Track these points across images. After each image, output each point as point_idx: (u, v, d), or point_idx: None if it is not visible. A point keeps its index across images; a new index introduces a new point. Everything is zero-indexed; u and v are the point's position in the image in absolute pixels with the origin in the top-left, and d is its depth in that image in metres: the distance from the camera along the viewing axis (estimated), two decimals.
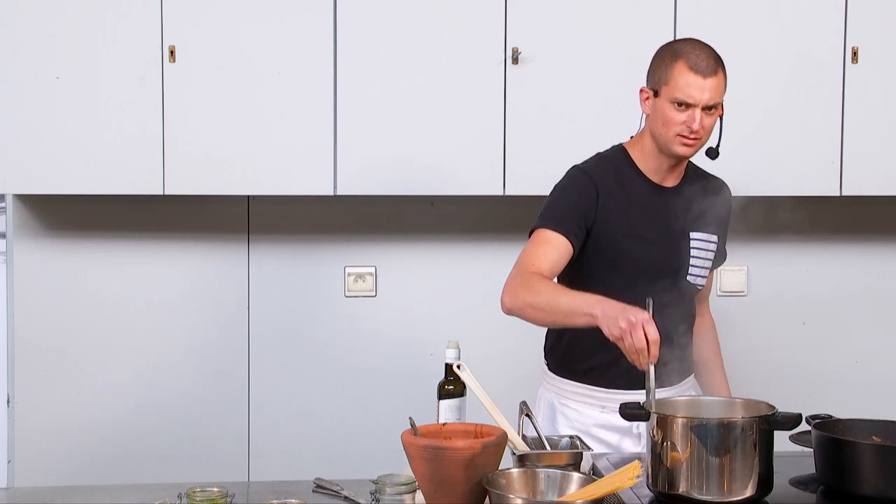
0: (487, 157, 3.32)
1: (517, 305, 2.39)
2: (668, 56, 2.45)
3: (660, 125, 2.45)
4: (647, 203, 2.51)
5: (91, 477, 3.40)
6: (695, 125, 2.40)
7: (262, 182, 3.31)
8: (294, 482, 2.31)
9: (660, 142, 2.48)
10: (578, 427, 2.51)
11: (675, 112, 2.41)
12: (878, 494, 2.00)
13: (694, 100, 2.39)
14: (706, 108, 2.41)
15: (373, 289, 3.64)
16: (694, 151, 2.47)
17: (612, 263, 2.49)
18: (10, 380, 3.57)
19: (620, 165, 2.54)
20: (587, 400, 2.55)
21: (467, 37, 3.30)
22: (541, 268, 2.41)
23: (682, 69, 2.40)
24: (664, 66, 2.44)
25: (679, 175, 2.56)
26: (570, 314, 2.28)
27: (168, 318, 3.58)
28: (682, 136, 2.42)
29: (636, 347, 2.12)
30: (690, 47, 2.43)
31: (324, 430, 3.63)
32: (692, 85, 2.39)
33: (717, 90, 2.41)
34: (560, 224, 2.46)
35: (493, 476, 1.95)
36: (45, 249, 3.55)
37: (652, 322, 2.13)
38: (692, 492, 2.00)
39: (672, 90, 2.41)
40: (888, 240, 3.78)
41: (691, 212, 2.55)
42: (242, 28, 3.25)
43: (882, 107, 3.42)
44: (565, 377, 2.58)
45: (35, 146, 3.23)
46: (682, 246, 2.54)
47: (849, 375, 3.77)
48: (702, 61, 2.40)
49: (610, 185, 2.50)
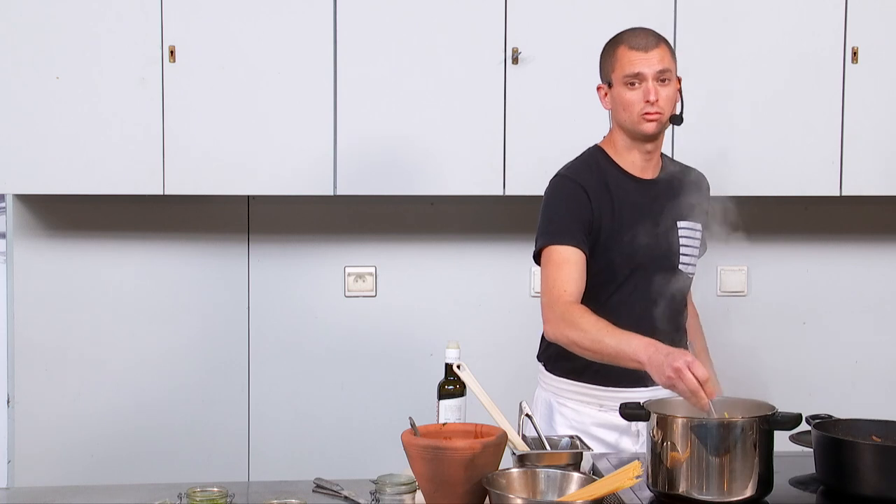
0: (487, 157, 3.32)
1: (562, 340, 2.44)
2: (609, 47, 2.56)
3: (622, 111, 2.51)
4: (632, 197, 2.54)
5: (91, 477, 3.40)
6: (651, 96, 2.46)
7: (262, 182, 3.31)
8: (294, 482, 2.31)
9: (627, 128, 2.52)
10: (577, 426, 2.51)
11: (631, 91, 2.48)
12: (878, 494, 2.00)
13: (642, 70, 2.47)
14: (658, 78, 2.47)
15: (373, 289, 3.64)
16: (660, 126, 2.51)
17: (609, 262, 2.51)
18: (10, 380, 3.57)
19: (601, 164, 2.57)
20: (585, 399, 2.55)
21: (467, 37, 3.30)
22: (573, 293, 2.44)
23: (624, 51, 2.50)
24: (609, 57, 2.55)
25: (657, 166, 2.60)
26: (616, 357, 2.31)
27: (168, 319, 3.58)
28: (645, 112, 2.48)
29: (690, 390, 2.10)
30: (628, 32, 2.54)
31: (324, 430, 3.63)
32: (636, 60, 2.48)
33: (664, 59, 2.49)
34: (569, 237, 2.48)
35: (493, 476, 1.95)
36: (45, 249, 3.55)
37: (697, 362, 2.12)
38: (692, 492, 2.00)
39: (620, 71, 2.49)
40: (888, 240, 3.78)
41: (675, 201, 2.58)
42: (242, 28, 3.25)
43: (882, 107, 3.42)
44: (563, 376, 2.58)
45: (35, 146, 3.23)
46: (672, 235, 2.56)
47: (849, 375, 3.77)
48: (641, 39, 2.50)
49: (595, 186, 2.53)
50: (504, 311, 3.65)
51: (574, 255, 2.47)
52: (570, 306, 2.42)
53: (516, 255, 3.62)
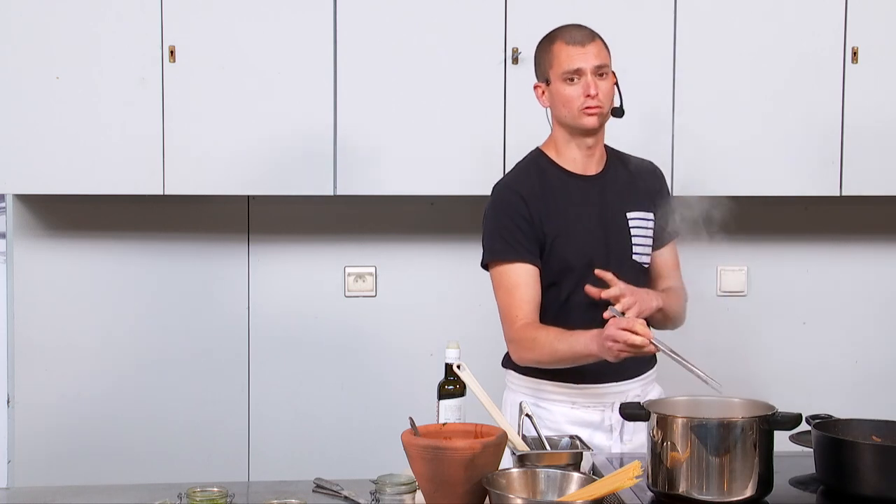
0: (487, 157, 3.32)
1: (526, 363, 2.54)
2: (545, 44, 2.57)
3: (562, 107, 2.52)
4: (576, 195, 2.55)
5: (91, 477, 3.39)
6: (591, 90, 2.47)
7: (262, 182, 3.31)
8: (294, 482, 2.31)
9: (567, 123, 2.53)
10: (550, 425, 2.49)
11: (570, 87, 2.50)
12: (878, 494, 2.00)
13: (580, 65, 2.48)
14: (597, 73, 2.49)
15: (373, 289, 3.64)
16: (600, 120, 2.52)
17: (561, 262, 2.52)
18: (10, 380, 3.57)
19: (541, 167, 2.59)
20: (557, 397, 2.54)
21: (467, 37, 3.30)
22: (526, 314, 2.49)
23: (561, 46, 2.51)
24: (545, 54, 2.55)
25: (600, 161, 2.61)
26: (574, 359, 2.41)
27: (168, 318, 3.58)
28: (585, 107, 2.49)
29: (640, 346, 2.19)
30: (563, 28, 2.55)
31: (324, 430, 3.63)
32: (574, 55, 2.49)
33: (600, 54, 2.51)
34: (513, 252, 2.51)
35: (493, 476, 1.95)
36: (45, 249, 3.55)
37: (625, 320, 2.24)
38: (692, 492, 2.00)
39: (559, 68, 2.50)
40: (888, 240, 3.78)
41: (622, 193, 2.59)
42: (242, 28, 3.25)
43: (882, 107, 3.42)
44: (533, 377, 2.58)
45: (35, 146, 3.23)
46: (621, 228, 2.57)
47: (849, 375, 3.77)
48: (576, 34, 2.52)
49: (535, 190, 2.54)
50: None
51: (522, 271, 2.50)
52: (523, 330, 2.48)
53: None
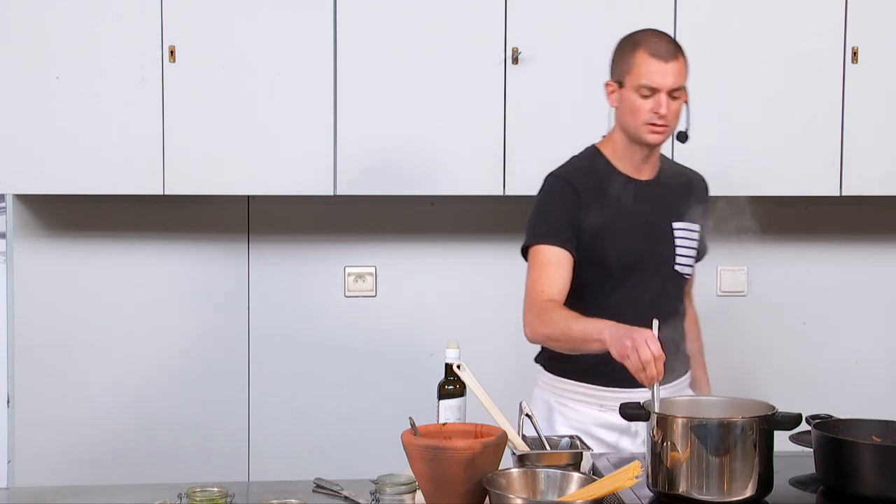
0: (487, 157, 3.32)
1: (537, 339, 2.49)
2: (628, 46, 2.50)
3: (627, 115, 2.49)
4: (627, 198, 2.54)
5: (91, 477, 3.40)
6: (662, 109, 2.43)
7: (262, 182, 3.31)
8: (294, 482, 2.31)
9: (629, 132, 2.51)
10: (577, 426, 2.51)
11: (641, 100, 2.45)
12: (878, 494, 2.00)
13: (658, 84, 2.43)
14: (671, 92, 2.45)
15: (373, 289, 3.64)
16: (663, 138, 2.50)
17: (600, 263, 2.51)
18: (10, 380, 3.57)
19: (595, 164, 2.57)
20: (585, 399, 2.55)
21: (467, 37, 3.30)
22: (551, 293, 2.45)
23: (644, 56, 2.45)
24: (626, 57, 2.49)
25: (654, 167, 2.59)
26: (583, 341, 2.34)
27: (168, 318, 3.58)
28: (651, 123, 2.46)
29: (642, 361, 2.12)
30: (649, 35, 2.49)
31: (324, 430, 3.63)
32: (654, 70, 2.43)
33: (680, 74, 2.46)
34: (554, 236, 2.49)
35: (493, 476, 1.95)
36: (45, 249, 3.55)
37: (656, 339, 2.14)
38: (692, 492, 2.00)
39: (636, 78, 2.45)
40: (888, 240, 3.78)
41: (671, 202, 2.58)
42: (242, 28, 3.25)
43: (882, 107, 3.42)
44: (563, 376, 2.58)
45: (35, 146, 3.23)
46: (667, 236, 2.56)
47: (849, 375, 3.77)
48: (661, 47, 2.45)
49: (588, 186, 2.53)
50: (504, 311, 3.63)
51: (557, 255, 2.48)
52: (544, 304, 2.44)
53: (516, 255, 3.58)
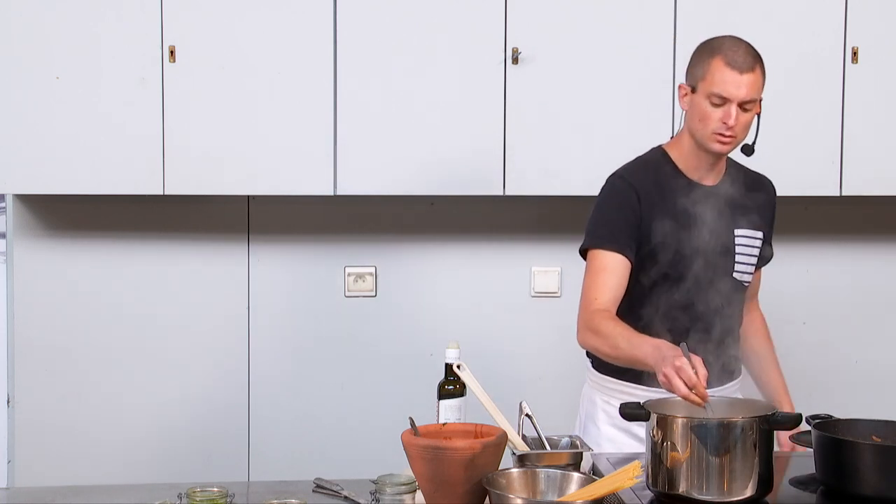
0: (487, 157, 3.32)
1: (587, 347, 2.51)
2: (705, 52, 2.45)
3: (697, 121, 2.45)
4: (689, 202, 2.50)
5: (91, 477, 3.39)
6: (731, 121, 2.39)
7: (262, 182, 3.31)
8: (294, 482, 2.31)
9: (697, 138, 2.47)
10: (619, 424, 2.48)
11: (712, 108, 2.41)
12: (878, 494, 2.00)
13: (730, 95, 2.39)
14: (742, 104, 2.40)
15: (373, 289, 3.63)
16: (729, 149, 2.47)
17: (660, 266, 2.49)
18: (10, 380, 3.57)
19: (659, 166, 2.54)
20: (629, 398, 2.52)
21: (467, 37, 3.30)
22: (604, 300, 2.44)
23: (720, 65, 2.40)
24: (702, 62, 2.44)
25: (720, 172, 2.56)
26: (632, 361, 2.36)
27: (168, 319, 3.58)
28: (719, 133, 2.42)
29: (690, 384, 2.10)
30: (729, 43, 2.43)
31: (324, 430, 3.63)
32: (728, 80, 2.39)
33: (754, 87, 2.41)
34: (612, 241, 2.47)
35: (493, 476, 1.95)
36: (45, 249, 3.55)
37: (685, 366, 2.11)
38: (692, 492, 2.00)
39: (709, 85, 2.41)
40: (888, 240, 3.78)
41: (734, 208, 2.54)
42: (242, 28, 3.25)
43: (882, 107, 3.41)
44: (607, 375, 2.58)
45: (35, 146, 3.23)
46: (727, 243, 2.54)
47: (849, 375, 3.77)
48: (739, 57, 2.40)
49: (649, 189, 2.49)
50: (504, 311, 3.64)
51: (614, 260, 2.46)
52: (595, 313, 2.42)
53: (516, 255, 3.62)
